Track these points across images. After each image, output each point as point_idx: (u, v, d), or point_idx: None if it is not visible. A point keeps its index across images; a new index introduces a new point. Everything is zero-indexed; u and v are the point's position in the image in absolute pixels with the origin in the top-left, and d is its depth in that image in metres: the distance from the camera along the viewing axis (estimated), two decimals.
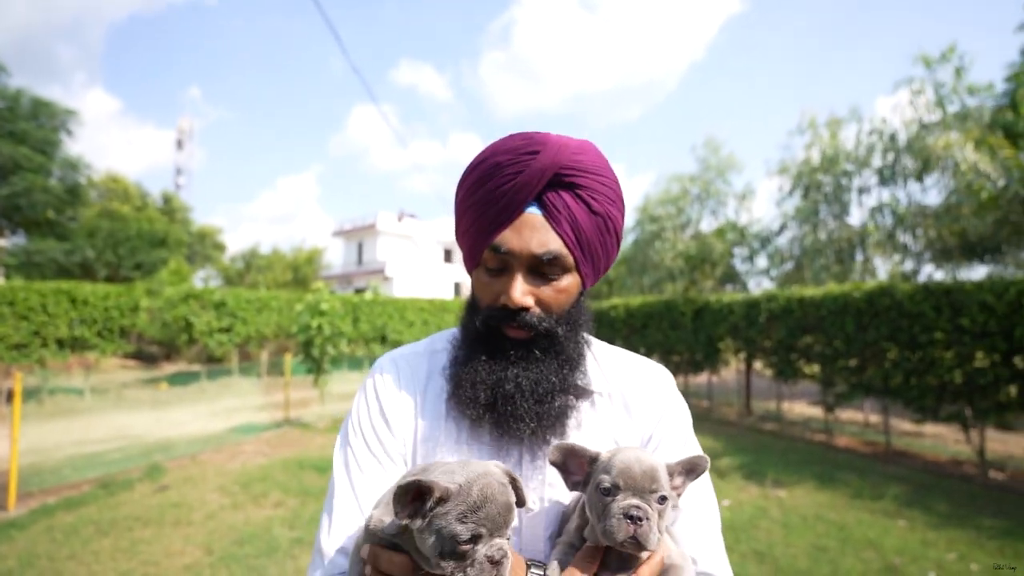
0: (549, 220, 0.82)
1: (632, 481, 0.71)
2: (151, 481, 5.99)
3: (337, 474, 0.88)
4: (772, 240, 13.49)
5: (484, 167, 0.85)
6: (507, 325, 0.85)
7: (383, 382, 0.93)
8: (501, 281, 0.84)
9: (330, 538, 0.83)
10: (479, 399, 0.84)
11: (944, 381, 6.75)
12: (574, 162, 0.82)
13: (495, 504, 0.65)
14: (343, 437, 0.92)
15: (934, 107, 10.35)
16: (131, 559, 4.05)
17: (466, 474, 0.67)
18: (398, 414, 0.90)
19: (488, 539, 0.65)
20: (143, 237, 25.72)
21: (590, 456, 0.77)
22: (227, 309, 16.12)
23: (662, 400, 0.95)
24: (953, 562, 4.12)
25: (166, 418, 10.32)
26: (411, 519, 0.65)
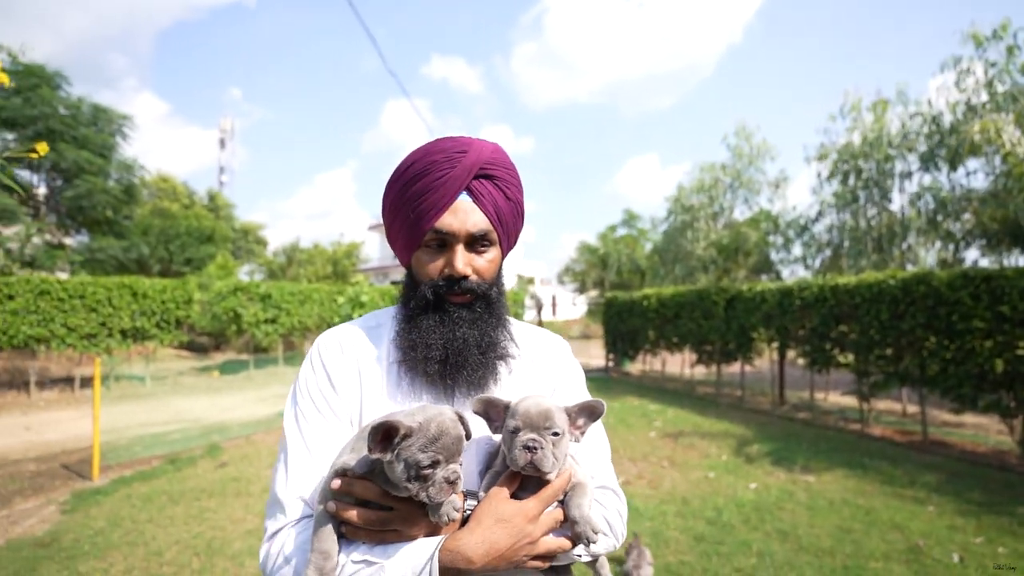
0: (477, 203, 1.02)
1: (530, 421, 0.91)
2: (211, 458, 6.53)
3: (288, 430, 1.01)
4: (809, 228, 13.22)
5: (420, 165, 1.03)
6: (451, 293, 1.03)
7: (327, 352, 1.08)
8: (443, 257, 1.03)
9: (287, 488, 0.94)
10: (434, 356, 1.01)
11: (983, 370, 6.63)
12: (493, 159, 1.04)
13: (449, 436, 0.83)
14: (292, 400, 1.05)
15: (983, 88, 9.94)
16: (200, 524, 4.51)
17: (424, 414, 0.84)
18: (342, 377, 1.05)
19: (445, 464, 0.82)
20: (192, 234, 27.05)
21: (504, 404, 0.95)
22: (272, 301, 16.91)
23: (561, 362, 1.20)
24: (980, 545, 4.16)
25: (219, 403, 11.03)
26: (382, 454, 0.81)
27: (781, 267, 14.59)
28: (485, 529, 0.87)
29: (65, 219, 18.87)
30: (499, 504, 0.90)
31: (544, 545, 0.91)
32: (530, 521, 0.90)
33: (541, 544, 0.91)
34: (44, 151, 1.61)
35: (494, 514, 0.89)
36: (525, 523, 0.89)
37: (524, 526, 0.89)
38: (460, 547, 0.85)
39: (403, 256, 1.11)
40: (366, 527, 0.86)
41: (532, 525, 0.90)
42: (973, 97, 10.00)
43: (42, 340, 11.68)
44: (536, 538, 0.90)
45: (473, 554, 0.85)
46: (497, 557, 0.86)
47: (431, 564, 0.83)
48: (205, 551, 3.99)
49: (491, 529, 0.87)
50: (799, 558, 3.94)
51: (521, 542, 0.88)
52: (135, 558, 3.86)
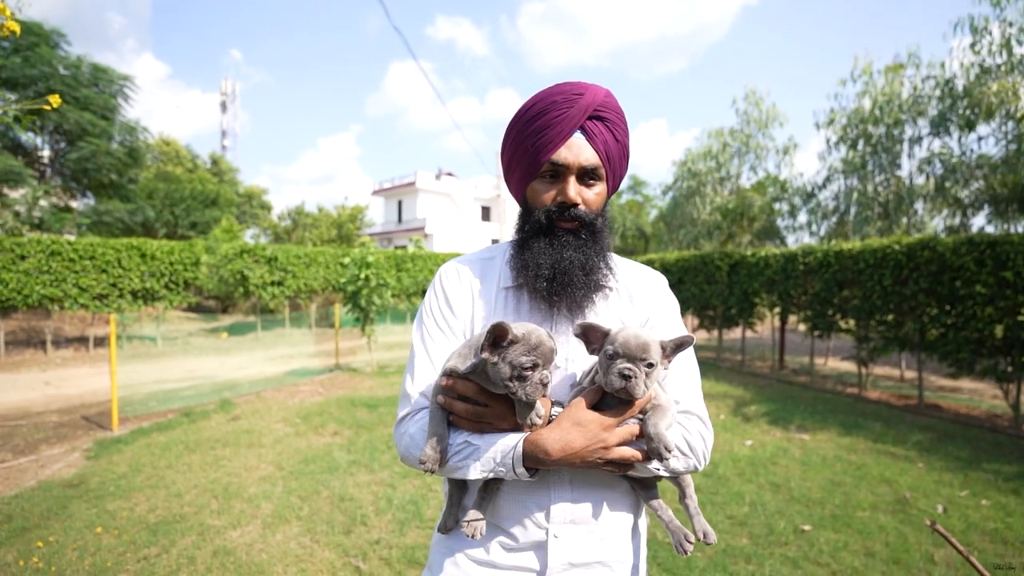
0: (590, 141, 1.13)
1: (629, 350, 0.98)
2: (224, 413, 6.76)
3: (416, 344, 1.21)
4: (816, 194, 13.09)
5: (541, 105, 1.14)
6: (561, 219, 1.15)
7: (447, 278, 1.24)
8: (556, 187, 1.15)
9: (414, 386, 1.15)
10: (543, 274, 1.13)
11: (983, 335, 6.70)
12: (605, 103, 1.15)
13: (546, 345, 0.96)
14: (419, 320, 1.24)
15: (1000, 49, 9.66)
16: (216, 471, 4.73)
17: (525, 327, 0.98)
18: (458, 301, 1.21)
19: (541, 369, 0.96)
20: (196, 197, 27.04)
21: (604, 331, 1.03)
22: (278, 264, 17.05)
23: (658, 294, 1.27)
24: (964, 498, 4.32)
25: (228, 362, 11.29)
26: (491, 355, 0.96)
27: (787, 233, 14.53)
28: (563, 429, 1.00)
29: (70, 182, 18.88)
30: (578, 411, 1.02)
31: (617, 452, 1.01)
32: (605, 429, 1.00)
33: (615, 451, 1.01)
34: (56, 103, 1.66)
35: (573, 418, 1.01)
36: (600, 430, 1.00)
37: (599, 432, 1.00)
38: (540, 440, 0.99)
39: (519, 188, 1.22)
40: (467, 418, 1.03)
41: (607, 433, 1.00)
42: (988, 59, 9.74)
43: (55, 300, 11.90)
44: (610, 444, 1.00)
45: (551, 448, 0.98)
46: (572, 454, 0.99)
47: (516, 449, 1.00)
48: (222, 494, 4.20)
49: (568, 430, 1.00)
50: (790, 507, 4.12)
51: (594, 445, 0.99)
52: (157, 499, 4.08)
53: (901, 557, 3.42)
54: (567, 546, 1.09)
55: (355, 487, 4.43)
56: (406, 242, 26.37)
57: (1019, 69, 9.06)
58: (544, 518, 1.08)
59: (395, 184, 40.42)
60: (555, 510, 1.08)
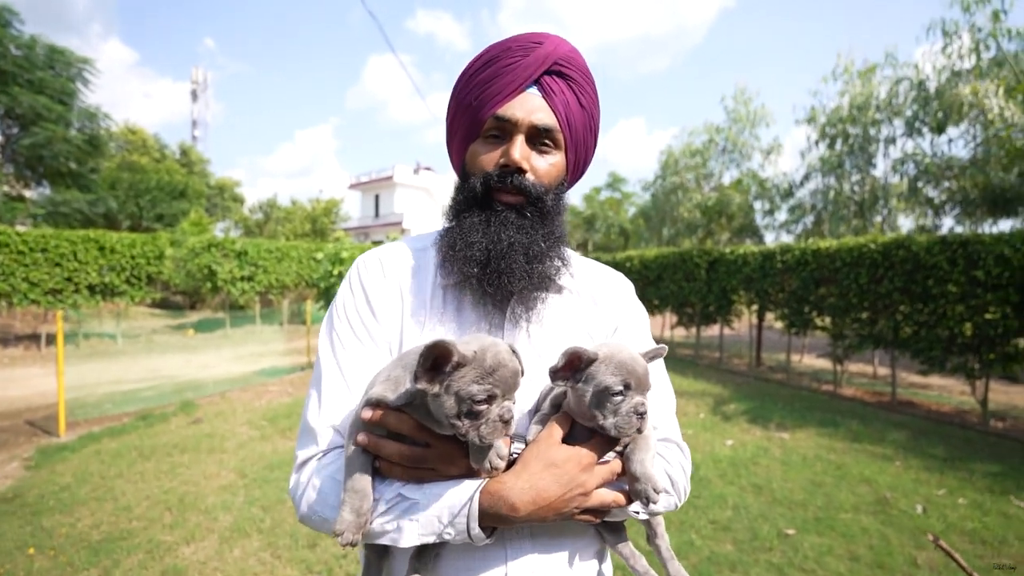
0: (547, 99, 0.93)
1: (638, 380, 0.80)
2: (185, 415, 6.40)
3: (323, 356, 0.93)
4: (794, 192, 13.21)
5: (493, 51, 0.94)
6: (502, 189, 0.93)
7: (367, 272, 0.98)
8: (501, 148, 0.93)
9: (320, 416, 0.87)
10: (474, 256, 0.91)
11: (953, 333, 6.78)
12: (569, 57, 0.94)
13: (506, 369, 0.72)
14: (328, 323, 0.97)
15: (969, 53, 9.83)
16: (172, 479, 4.43)
17: (479, 343, 0.73)
18: (382, 301, 0.95)
19: (500, 400, 0.72)
20: (163, 188, 26.05)
21: (590, 358, 0.80)
22: (248, 258, 16.49)
23: (625, 300, 1.08)
24: (942, 497, 4.32)
25: (194, 361, 10.83)
26: (430, 383, 0.70)
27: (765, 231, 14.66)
28: (533, 474, 0.78)
29: (24, 170, 17.91)
30: (550, 448, 0.81)
31: (597, 497, 0.82)
32: (583, 469, 0.80)
33: (594, 496, 0.82)
34: None
35: (544, 458, 0.80)
36: (578, 471, 0.80)
37: (577, 474, 0.80)
38: (504, 491, 0.76)
39: (459, 151, 1.00)
40: (401, 463, 0.78)
41: (586, 474, 0.81)
42: (959, 62, 9.91)
43: (3, 295, 11.22)
44: (589, 489, 0.81)
45: (518, 500, 0.76)
46: (544, 506, 0.77)
47: (470, 505, 0.76)
48: (177, 506, 3.91)
49: (539, 475, 0.78)
50: (773, 510, 4.03)
51: (572, 492, 0.79)
52: (103, 513, 3.77)
53: (885, 561, 3.36)
54: None
55: None
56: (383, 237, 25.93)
57: (988, 73, 9.23)
58: None
59: (372, 178, 39.72)
60: (513, 571, 0.86)
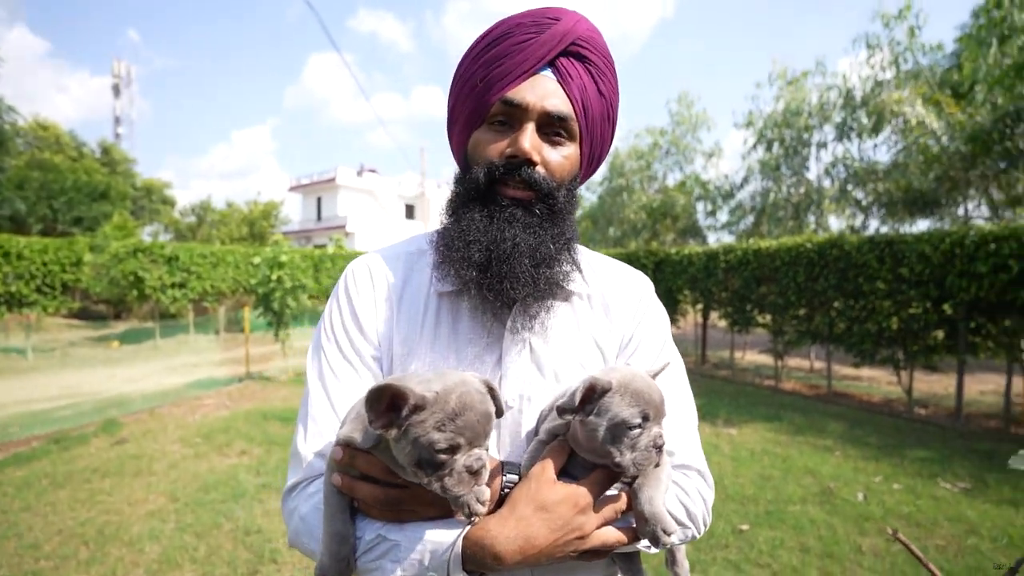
0: (562, 84, 0.82)
1: (656, 411, 0.72)
2: (107, 435, 5.85)
3: (311, 382, 0.86)
4: (734, 194, 13.78)
5: (503, 27, 0.83)
6: (509, 182, 0.83)
7: (355, 286, 0.90)
8: (509, 136, 0.82)
9: (307, 444, 0.82)
10: (473, 257, 0.81)
11: (881, 327, 7.22)
12: (589, 37, 0.84)
13: (474, 412, 0.64)
14: (316, 344, 0.89)
15: (889, 64, 10.59)
16: (90, 509, 3.99)
17: (443, 382, 0.65)
18: (371, 318, 0.87)
19: (467, 449, 0.64)
20: (81, 189, 24.11)
21: (604, 387, 0.71)
22: (180, 264, 15.47)
23: (641, 304, 0.96)
24: (879, 484, 4.54)
25: (119, 375, 10.00)
26: (385, 428, 0.63)
27: (708, 232, 15.21)
28: (520, 519, 0.70)
29: None
30: (542, 487, 0.72)
31: (597, 539, 0.74)
32: (581, 511, 0.72)
33: (593, 538, 0.73)
34: None
35: (534, 500, 0.71)
36: (574, 514, 0.71)
37: (572, 517, 0.71)
38: (487, 540, 0.68)
39: (460, 139, 0.89)
40: (377, 505, 0.72)
41: (583, 517, 0.72)
42: (881, 73, 10.65)
43: None
44: (587, 532, 0.73)
45: (503, 550, 0.68)
46: (534, 554, 0.69)
47: (454, 549, 0.69)
48: (95, 539, 3.52)
49: (528, 520, 0.70)
50: (726, 506, 4.09)
51: (566, 537, 0.71)
52: (3, 554, 3.32)
53: (833, 550, 3.46)
54: None
55: (264, 516, 3.90)
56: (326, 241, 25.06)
57: (905, 84, 9.96)
58: None
59: (314, 180, 38.35)
60: None
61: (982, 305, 6.29)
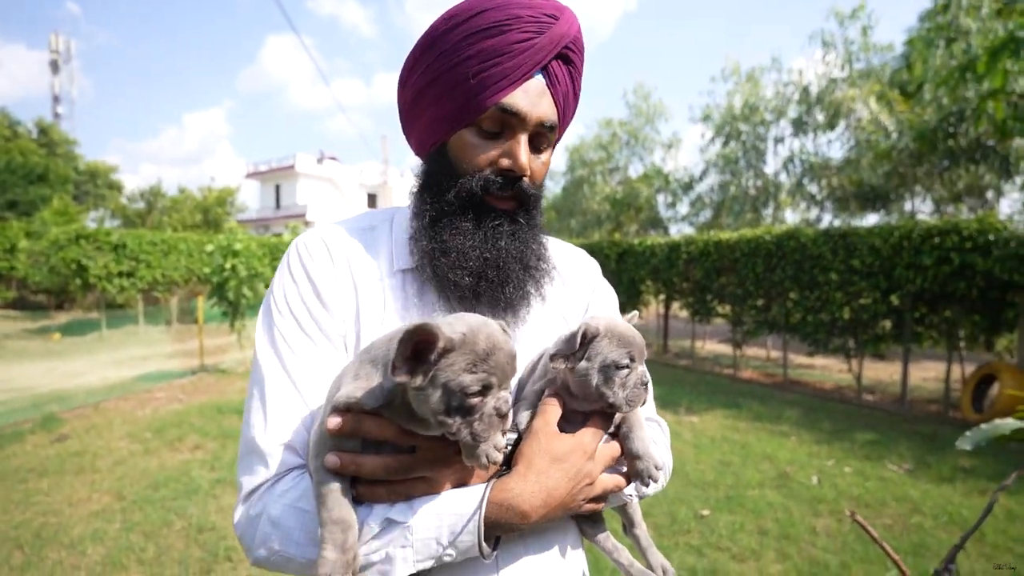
0: (550, 88, 0.80)
1: (640, 352, 0.76)
2: (46, 432, 5.51)
3: (264, 360, 0.77)
4: (694, 186, 14.06)
5: (500, 15, 0.76)
6: (498, 193, 0.81)
7: (311, 257, 0.82)
8: (499, 146, 0.80)
9: (267, 434, 0.73)
10: (468, 267, 0.80)
11: (834, 317, 7.51)
12: (578, 39, 0.82)
13: (503, 352, 0.61)
14: (266, 320, 0.81)
15: (843, 63, 10.96)
16: (26, 510, 3.74)
17: (467, 324, 0.61)
18: (333, 291, 0.81)
19: (496, 391, 0.61)
20: (15, 171, 22.56)
21: (593, 332, 0.74)
22: (128, 252, 14.67)
23: (592, 277, 1.03)
24: (831, 467, 4.73)
25: (60, 369, 9.43)
26: (410, 376, 0.58)
27: (669, 223, 15.49)
28: (540, 472, 0.70)
29: None
30: (551, 440, 0.73)
31: (601, 485, 0.76)
32: (589, 458, 0.74)
33: (598, 483, 0.76)
34: None
35: (548, 453, 0.71)
36: (584, 460, 0.73)
37: (583, 464, 0.73)
38: (511, 499, 0.67)
39: (435, 132, 0.82)
40: (386, 478, 0.66)
41: (592, 463, 0.74)
42: (835, 71, 11.02)
43: None
44: (595, 477, 0.75)
45: (528, 505, 0.67)
46: (556, 506, 0.70)
47: (475, 521, 0.65)
48: (31, 542, 3.29)
49: (547, 472, 0.70)
50: (688, 492, 4.18)
51: (580, 484, 0.73)
52: None
53: (789, 532, 3.58)
54: None
55: (218, 513, 3.74)
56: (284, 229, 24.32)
57: (858, 82, 10.33)
58: None
59: (272, 167, 37.08)
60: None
61: (926, 296, 6.62)
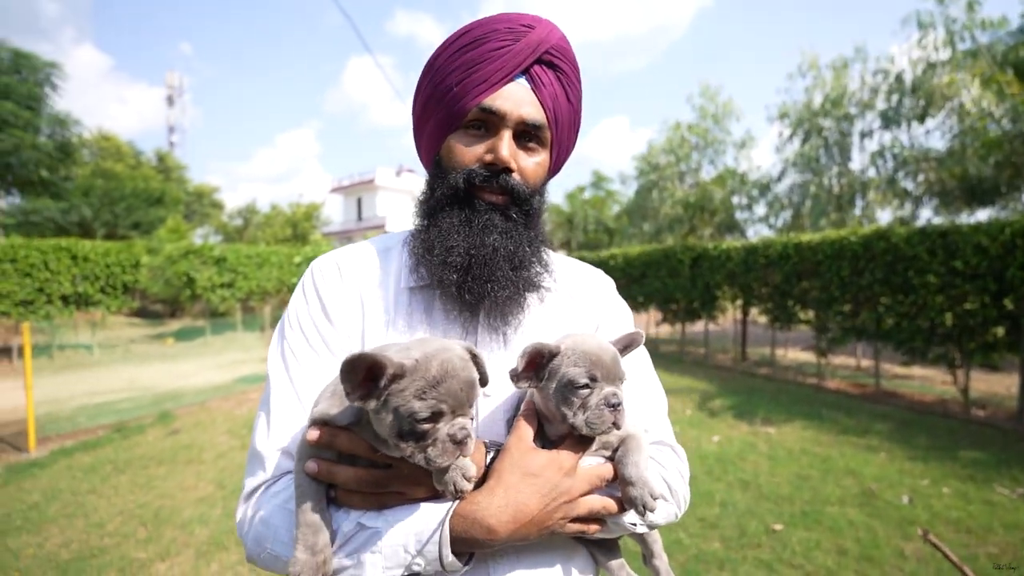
0: (535, 91, 0.85)
1: (605, 370, 0.73)
2: (163, 426, 6.23)
3: (273, 371, 0.83)
4: (771, 187, 13.33)
5: (478, 31, 0.85)
6: (486, 187, 0.85)
7: (323, 277, 0.89)
8: (485, 143, 0.85)
9: (269, 440, 0.78)
10: (454, 262, 0.83)
11: (934, 323, 6.85)
12: (561, 47, 0.87)
13: (456, 379, 0.62)
14: (279, 334, 0.87)
15: (944, 44, 9.99)
16: (147, 493, 4.28)
17: (423, 349, 0.63)
18: (339, 307, 0.87)
19: (450, 417, 0.62)
20: (139, 195, 25.56)
21: (552, 352, 0.74)
22: (228, 265, 16.21)
23: (605, 297, 1.02)
24: (926, 487, 4.33)
25: (174, 370, 10.57)
26: (364, 400, 0.61)
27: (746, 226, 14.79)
28: (509, 488, 0.70)
29: None
30: (524, 455, 0.73)
31: (585, 505, 0.74)
32: (566, 474, 0.73)
33: (582, 503, 0.74)
34: None
35: (519, 467, 0.71)
36: (560, 476, 0.72)
37: (559, 480, 0.72)
38: (478, 513, 0.68)
39: (432, 144, 0.90)
40: (360, 489, 0.69)
41: (570, 479, 0.73)
42: (934, 54, 10.06)
43: None
44: (575, 495, 0.73)
45: (495, 521, 0.68)
46: (526, 523, 0.69)
47: (441, 531, 0.67)
48: (152, 520, 3.78)
49: (517, 487, 0.70)
50: (760, 505, 4.01)
51: (556, 501, 0.71)
52: (73, 531, 3.62)
53: (872, 554, 3.34)
54: None
55: None
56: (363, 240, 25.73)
57: (963, 65, 9.38)
58: None
59: (354, 181, 39.36)
60: None
61: None
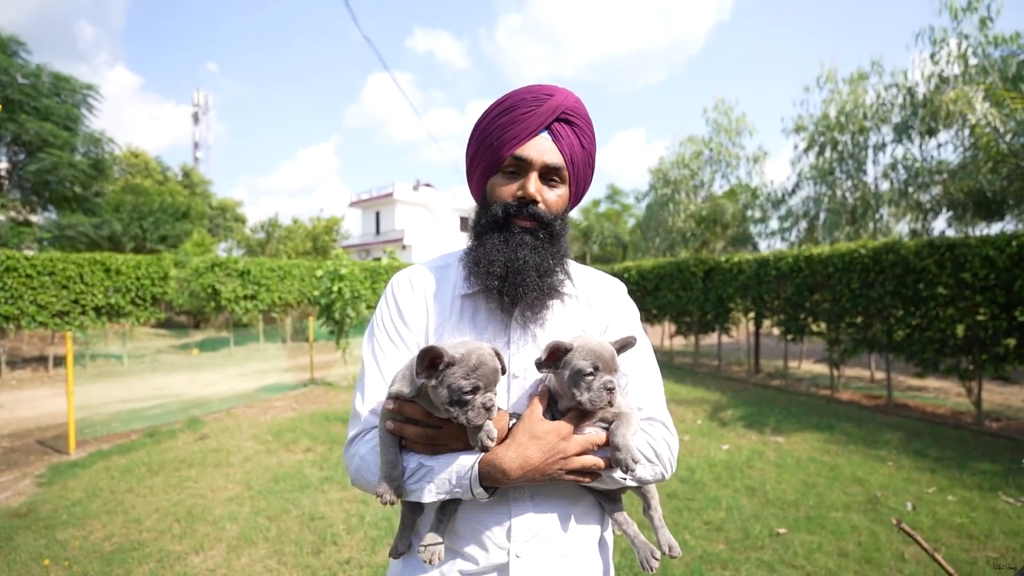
0: (555, 142, 1.13)
1: (605, 362, 0.99)
2: (192, 431, 6.53)
3: (367, 359, 1.16)
4: (785, 200, 13.39)
5: (510, 101, 1.13)
6: (519, 216, 1.13)
7: (399, 288, 1.21)
8: (518, 182, 1.13)
9: (364, 404, 1.11)
10: (495, 271, 1.11)
11: (945, 335, 6.89)
12: (575, 108, 1.15)
13: (487, 366, 0.92)
14: (369, 333, 1.20)
15: (957, 60, 10.06)
16: (180, 493, 4.54)
17: (466, 347, 0.94)
18: (411, 311, 1.17)
19: (483, 392, 0.92)
20: (166, 210, 26.41)
21: (566, 347, 1.00)
22: (251, 277, 16.69)
23: (616, 301, 1.27)
24: (932, 495, 4.40)
25: (199, 379, 10.95)
26: (428, 378, 0.92)
27: (759, 239, 14.82)
28: (520, 445, 0.97)
29: (30, 195, 18.23)
30: (533, 423, 1.00)
31: (578, 461, 0.99)
32: (563, 439, 0.99)
33: (575, 460, 0.99)
34: None
35: (528, 431, 0.99)
36: (557, 440, 0.98)
37: (556, 443, 0.98)
38: (497, 460, 0.96)
39: (479, 184, 1.20)
40: (419, 441, 1.00)
41: (565, 442, 0.99)
42: (946, 69, 10.13)
43: (11, 318, 11.40)
44: (569, 454, 0.99)
45: (508, 467, 0.96)
46: (531, 470, 0.96)
47: (472, 471, 0.97)
48: (185, 517, 4.03)
49: (525, 445, 0.97)
50: (765, 511, 4.13)
51: (553, 457, 0.98)
52: (114, 525, 3.89)
53: (873, 556, 3.45)
54: (530, 566, 1.04)
55: (326, 505, 4.30)
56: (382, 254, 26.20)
57: (974, 80, 9.43)
58: (505, 537, 1.04)
59: (373, 195, 40.11)
60: (516, 526, 1.05)
61: None
